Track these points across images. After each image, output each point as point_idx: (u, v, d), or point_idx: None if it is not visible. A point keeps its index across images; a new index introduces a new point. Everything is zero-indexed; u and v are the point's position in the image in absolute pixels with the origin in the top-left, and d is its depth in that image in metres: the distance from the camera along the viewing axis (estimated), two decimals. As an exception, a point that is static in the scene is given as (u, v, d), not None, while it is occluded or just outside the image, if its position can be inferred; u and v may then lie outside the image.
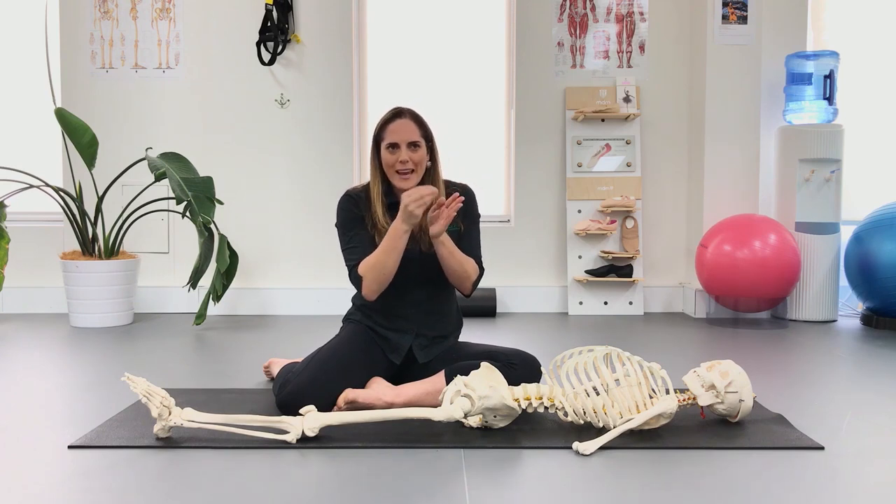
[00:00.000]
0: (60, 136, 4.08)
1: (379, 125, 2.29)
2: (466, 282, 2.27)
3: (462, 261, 2.23)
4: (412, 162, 2.22)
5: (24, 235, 4.23)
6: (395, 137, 2.22)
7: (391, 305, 2.30)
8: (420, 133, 2.25)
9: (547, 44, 4.27)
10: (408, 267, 2.26)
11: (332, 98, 4.22)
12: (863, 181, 4.49)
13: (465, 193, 2.35)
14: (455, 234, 2.31)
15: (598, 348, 2.05)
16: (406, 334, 2.30)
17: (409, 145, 2.22)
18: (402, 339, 2.29)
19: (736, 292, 3.71)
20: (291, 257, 4.25)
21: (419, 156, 2.24)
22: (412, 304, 2.30)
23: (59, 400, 2.33)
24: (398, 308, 2.30)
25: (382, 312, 2.31)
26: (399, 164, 2.22)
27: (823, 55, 3.91)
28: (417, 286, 2.30)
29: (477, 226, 2.39)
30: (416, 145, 2.23)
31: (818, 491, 1.58)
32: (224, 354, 3.08)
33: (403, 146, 2.22)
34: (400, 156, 2.22)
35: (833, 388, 2.50)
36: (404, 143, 2.22)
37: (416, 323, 2.30)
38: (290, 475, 1.66)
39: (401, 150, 2.22)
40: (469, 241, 2.34)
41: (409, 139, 2.22)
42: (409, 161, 2.21)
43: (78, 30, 4.20)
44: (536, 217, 4.31)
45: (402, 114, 2.27)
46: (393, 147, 2.23)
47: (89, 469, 1.70)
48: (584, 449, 1.80)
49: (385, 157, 2.25)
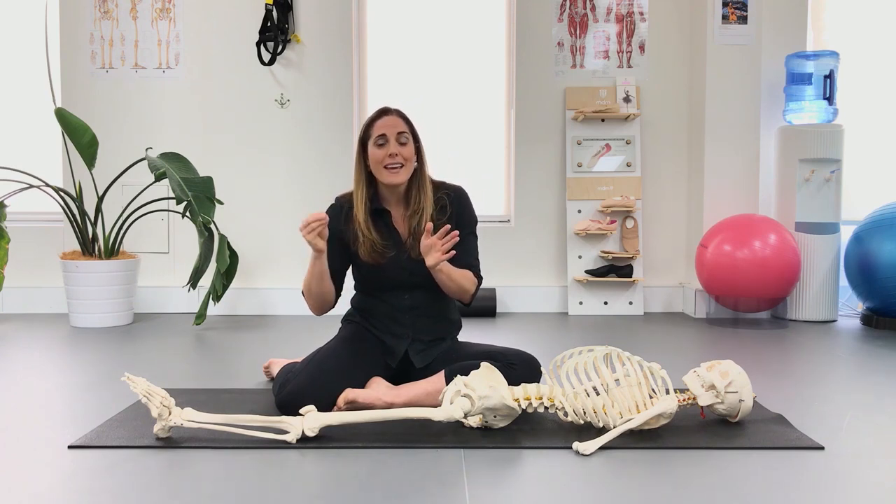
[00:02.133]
0: (60, 136, 4.07)
1: (365, 125, 2.28)
2: (465, 296, 2.25)
3: (460, 281, 2.20)
4: (401, 156, 2.20)
5: (24, 235, 4.23)
6: (384, 130, 2.21)
7: (385, 311, 2.29)
8: (408, 128, 2.24)
9: (547, 44, 4.27)
10: (398, 274, 2.25)
11: (332, 98, 4.22)
12: (863, 181, 4.49)
13: (458, 196, 2.33)
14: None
15: (598, 348, 2.05)
16: (402, 339, 2.29)
17: (399, 136, 2.21)
18: (398, 344, 2.28)
19: (736, 292, 3.71)
20: (291, 257, 4.25)
21: (408, 150, 2.22)
22: (406, 310, 2.29)
23: (59, 400, 2.33)
24: (392, 313, 2.29)
25: (378, 317, 2.31)
26: (388, 158, 2.20)
27: (823, 55, 3.91)
28: (409, 292, 2.29)
29: (474, 233, 2.35)
30: (405, 138, 2.22)
31: (818, 491, 1.58)
32: (224, 354, 3.08)
33: (392, 139, 2.20)
34: (389, 149, 2.20)
35: (833, 388, 2.50)
36: (393, 135, 2.20)
37: (411, 327, 2.29)
38: (290, 475, 1.66)
39: (389, 144, 2.20)
40: (466, 249, 2.29)
41: (397, 130, 2.21)
42: (398, 155, 2.20)
43: (78, 30, 4.20)
44: (536, 217, 4.31)
45: (389, 111, 2.26)
46: (381, 140, 2.20)
47: (89, 469, 1.70)
48: (584, 449, 1.80)
49: (373, 154, 2.22)
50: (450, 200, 2.31)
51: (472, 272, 2.28)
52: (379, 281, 2.29)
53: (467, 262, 2.28)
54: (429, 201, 2.26)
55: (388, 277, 2.27)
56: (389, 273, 2.26)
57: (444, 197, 2.30)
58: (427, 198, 2.26)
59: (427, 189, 2.27)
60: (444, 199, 2.30)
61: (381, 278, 2.28)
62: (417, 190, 2.27)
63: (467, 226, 2.33)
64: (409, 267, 2.25)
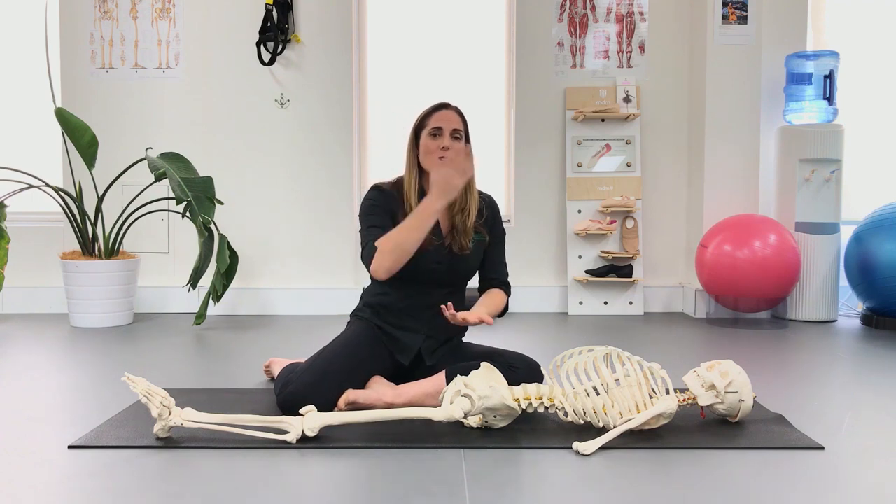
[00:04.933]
0: (60, 136, 4.08)
1: (422, 115, 2.30)
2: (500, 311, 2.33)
3: (499, 308, 2.30)
4: (453, 150, 2.23)
5: (24, 235, 4.23)
6: (440, 123, 2.23)
7: (407, 305, 2.28)
8: (463, 126, 2.27)
9: (547, 44, 4.27)
10: (434, 269, 2.25)
11: (332, 98, 4.22)
12: (863, 181, 4.49)
13: (490, 204, 2.39)
14: (480, 244, 2.33)
15: (598, 348, 2.05)
16: (417, 335, 2.28)
17: (453, 132, 2.24)
18: (412, 340, 2.27)
19: (736, 292, 3.71)
20: (291, 257, 4.25)
21: (461, 146, 2.25)
22: (425, 307, 2.28)
23: (59, 400, 2.33)
24: (413, 309, 2.28)
25: (395, 312, 2.29)
26: (441, 150, 2.22)
27: (823, 55, 3.91)
28: (439, 289, 2.28)
29: (503, 243, 2.42)
30: (459, 135, 2.25)
31: (818, 491, 1.58)
32: (224, 354, 3.08)
33: (447, 132, 2.23)
34: (442, 142, 2.22)
35: (833, 388, 2.50)
36: (448, 130, 2.23)
37: (427, 325, 2.29)
38: (290, 475, 1.66)
39: (444, 136, 2.23)
40: (496, 257, 2.38)
41: (453, 126, 2.24)
42: (450, 148, 2.22)
43: (78, 30, 4.20)
44: (536, 217, 4.31)
45: (448, 106, 2.29)
46: (436, 132, 2.23)
47: (89, 469, 1.70)
48: (584, 449, 1.80)
49: (426, 143, 2.24)
50: (487, 204, 2.37)
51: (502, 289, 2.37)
52: (415, 272, 2.23)
53: (498, 270, 2.38)
54: (475, 201, 2.30)
55: (425, 269, 2.24)
56: (424, 265, 2.23)
57: (482, 201, 2.36)
58: (473, 198, 2.29)
59: (474, 190, 2.31)
60: (481, 203, 2.35)
61: (418, 270, 2.23)
62: (465, 189, 2.28)
63: (499, 235, 2.40)
64: (446, 262, 2.26)
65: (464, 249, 2.27)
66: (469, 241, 2.28)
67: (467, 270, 2.32)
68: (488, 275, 2.39)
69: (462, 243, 2.26)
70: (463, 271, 2.31)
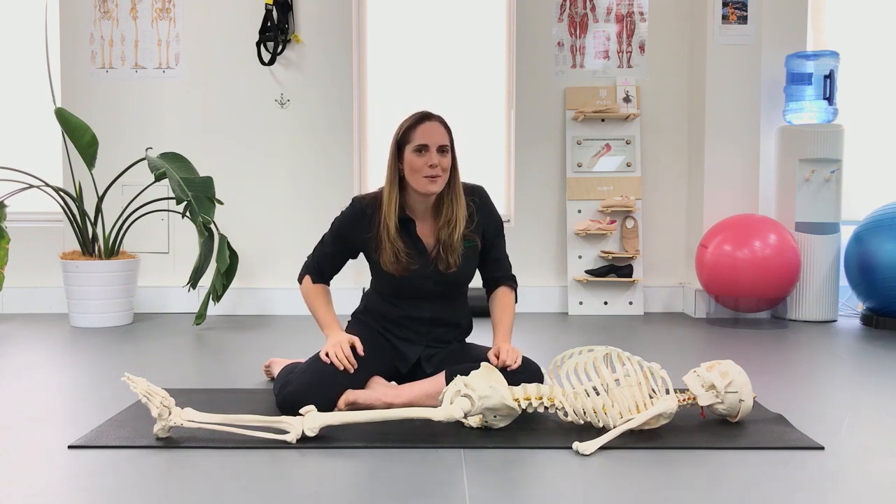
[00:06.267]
0: (60, 136, 4.07)
1: (404, 128, 2.16)
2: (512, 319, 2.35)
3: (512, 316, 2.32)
4: (441, 167, 2.13)
5: (24, 235, 4.23)
6: (426, 139, 2.11)
7: (402, 317, 2.27)
8: (448, 139, 2.17)
9: (547, 44, 4.27)
10: (423, 285, 2.23)
11: (332, 98, 4.22)
12: (863, 181, 4.49)
13: (481, 201, 2.28)
14: (472, 250, 2.25)
15: (598, 348, 2.05)
16: (415, 345, 2.28)
17: (440, 149, 2.14)
18: (410, 351, 2.27)
19: (736, 292, 3.71)
20: (291, 257, 4.24)
21: (447, 161, 2.15)
22: (424, 321, 2.27)
23: (59, 400, 2.33)
24: (410, 321, 2.27)
25: (393, 321, 2.29)
26: (429, 168, 2.11)
27: (823, 55, 3.91)
28: (430, 302, 2.27)
29: (501, 235, 2.34)
30: (446, 150, 2.15)
31: (818, 491, 1.58)
32: (224, 354, 3.08)
33: (434, 149, 2.12)
34: (430, 159, 2.10)
35: (833, 388, 2.50)
36: (435, 147, 2.12)
37: (426, 335, 2.28)
38: (290, 475, 1.66)
39: (430, 153, 2.11)
40: (496, 254, 2.32)
41: (439, 142, 2.13)
42: (437, 166, 2.12)
43: (78, 30, 4.20)
44: (536, 217, 4.31)
45: (431, 117, 2.16)
46: (422, 149, 2.12)
47: (89, 469, 1.70)
48: (584, 449, 1.80)
49: (411, 161, 2.12)
50: (476, 207, 2.26)
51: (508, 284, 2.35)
52: (401, 290, 2.24)
53: (501, 265, 2.35)
54: (462, 212, 2.19)
55: (411, 286, 2.22)
56: (413, 282, 2.21)
57: (470, 204, 2.24)
58: (461, 208, 2.19)
59: (461, 199, 2.20)
60: (471, 207, 2.24)
61: (404, 287, 2.23)
62: (451, 200, 2.19)
63: (495, 231, 2.31)
64: (434, 277, 2.22)
65: (450, 268, 2.19)
66: (457, 257, 2.19)
67: (459, 281, 2.27)
68: (491, 274, 2.35)
69: (449, 262, 2.18)
70: (454, 282, 2.25)
